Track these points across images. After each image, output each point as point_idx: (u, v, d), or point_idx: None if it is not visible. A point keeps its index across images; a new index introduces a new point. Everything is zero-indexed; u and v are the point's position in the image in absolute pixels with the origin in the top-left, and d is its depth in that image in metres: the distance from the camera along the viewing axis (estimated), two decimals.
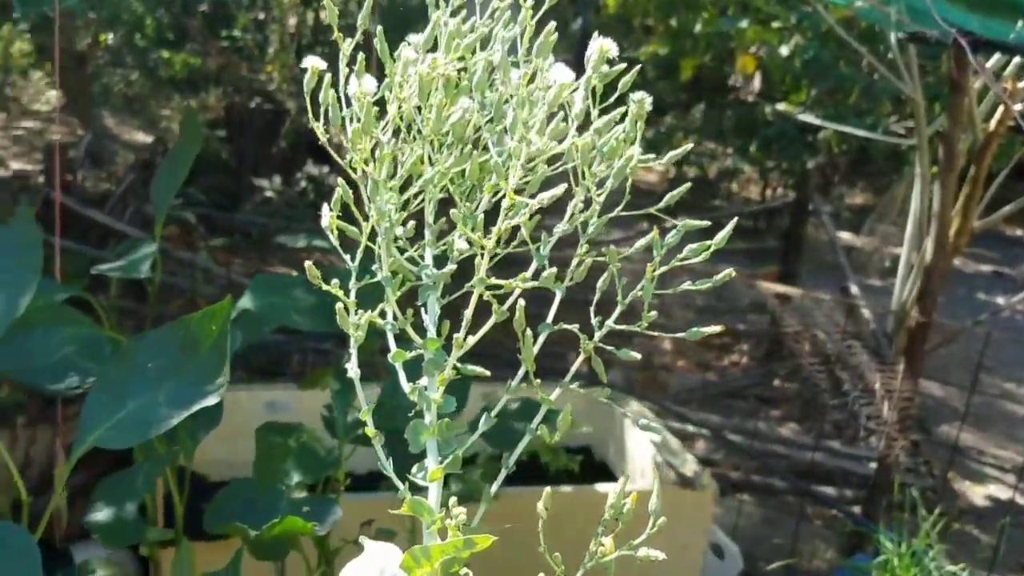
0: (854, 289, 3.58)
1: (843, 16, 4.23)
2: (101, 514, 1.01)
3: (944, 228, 2.39)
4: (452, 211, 0.49)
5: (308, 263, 0.50)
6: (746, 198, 7.22)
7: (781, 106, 6.18)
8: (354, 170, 0.54)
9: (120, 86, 6.72)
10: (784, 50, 5.75)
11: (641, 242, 0.55)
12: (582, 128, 0.54)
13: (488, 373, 0.53)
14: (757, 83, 7.42)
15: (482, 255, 0.49)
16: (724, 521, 2.64)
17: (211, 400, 0.87)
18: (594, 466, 2.52)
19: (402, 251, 0.56)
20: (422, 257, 0.55)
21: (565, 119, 0.51)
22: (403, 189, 0.55)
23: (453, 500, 0.46)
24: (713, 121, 7.08)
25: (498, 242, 0.55)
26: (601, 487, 2.19)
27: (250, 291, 1.19)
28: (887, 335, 3.26)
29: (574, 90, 0.50)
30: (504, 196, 0.48)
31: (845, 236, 5.83)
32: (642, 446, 2.37)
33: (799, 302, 3.31)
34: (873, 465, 2.75)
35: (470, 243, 0.51)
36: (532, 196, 0.49)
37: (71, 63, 5.58)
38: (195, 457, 1.93)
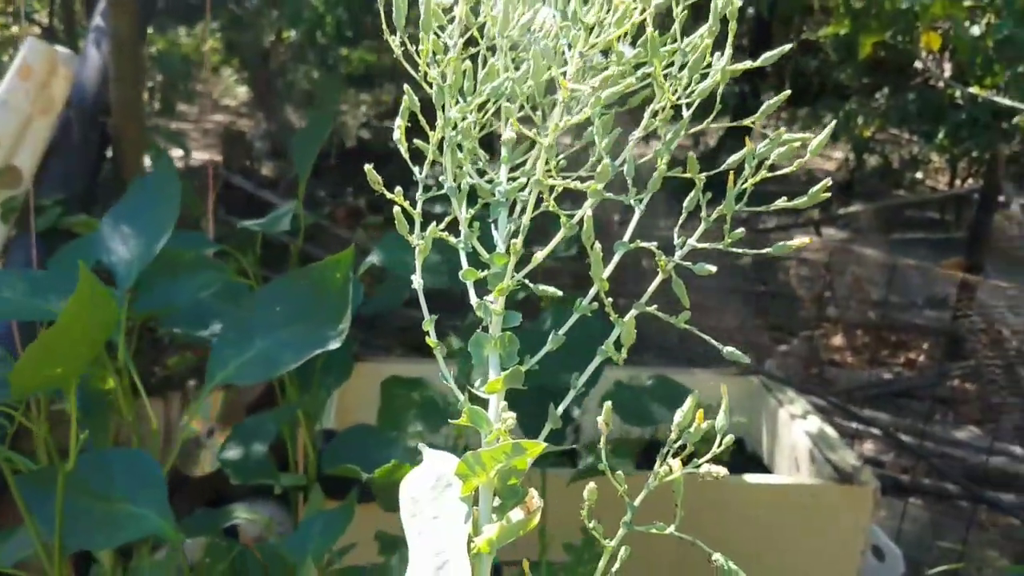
0: None
1: None
2: (232, 452, 1.06)
3: None
4: (504, 106, 0.47)
5: (368, 166, 0.49)
6: (932, 187, 6.77)
7: (972, 89, 5.74)
8: (430, 85, 0.53)
9: (302, 82, 7.09)
10: (975, 30, 5.33)
11: (734, 157, 0.51)
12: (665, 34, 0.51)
13: (560, 293, 0.51)
14: (947, 67, 6.93)
15: (540, 156, 0.46)
16: (889, 524, 2.48)
17: (333, 344, 0.88)
18: (745, 457, 2.43)
19: (482, 173, 0.54)
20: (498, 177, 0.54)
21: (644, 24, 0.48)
22: (483, 107, 0.54)
23: (503, 405, 0.45)
24: (897, 106, 6.67)
25: (584, 159, 0.52)
26: (749, 478, 2.10)
27: (379, 248, 1.21)
28: None
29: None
30: (559, 97, 0.46)
31: None
32: (798, 439, 2.26)
33: (981, 292, 3.06)
34: None
35: (539, 169, 0.49)
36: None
37: (256, 60, 5.93)
38: (343, 422, 1.99)
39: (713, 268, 0.45)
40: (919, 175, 6.93)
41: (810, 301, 4.19)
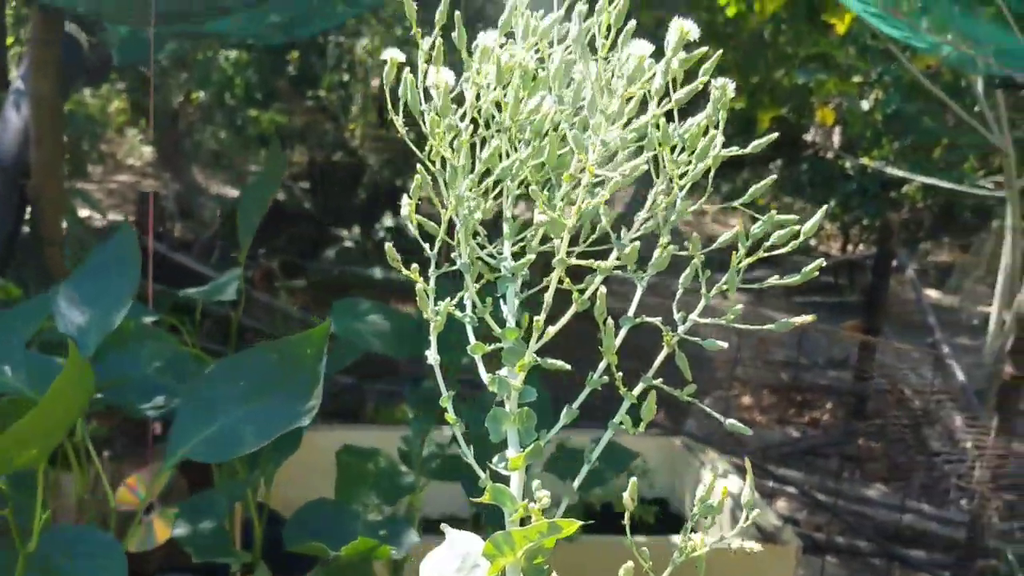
0: (944, 348, 3.45)
1: (926, 66, 4.16)
2: (185, 530, 1.02)
3: None
4: (531, 188, 0.49)
5: (388, 244, 0.50)
6: (826, 253, 7.09)
7: (863, 160, 6.09)
8: (432, 162, 0.54)
9: (210, 142, 7.00)
10: (864, 104, 5.68)
11: (726, 235, 0.54)
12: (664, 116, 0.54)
13: (568, 367, 0.52)
14: (836, 138, 7.34)
15: (561, 236, 0.48)
16: None
17: (303, 421, 0.87)
18: (670, 517, 2.46)
19: (481, 247, 0.55)
20: (500, 252, 0.55)
21: (645, 104, 0.50)
22: (482, 184, 0.55)
23: (537, 483, 0.45)
24: (791, 176, 7.01)
25: (578, 234, 0.54)
26: (676, 539, 2.13)
27: (332, 316, 1.21)
28: (978, 392, 3.13)
29: (650, 76, 0.50)
30: (583, 180, 0.48)
31: (932, 294, 5.65)
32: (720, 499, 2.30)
33: (884, 354, 3.21)
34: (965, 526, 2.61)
35: (547, 237, 0.50)
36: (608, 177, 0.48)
37: (164, 120, 5.84)
38: (272, 494, 1.94)
39: (724, 344, 0.48)
40: (813, 241, 7.26)
41: (721, 362, 4.30)
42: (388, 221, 4.79)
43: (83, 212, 4.06)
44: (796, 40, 4.61)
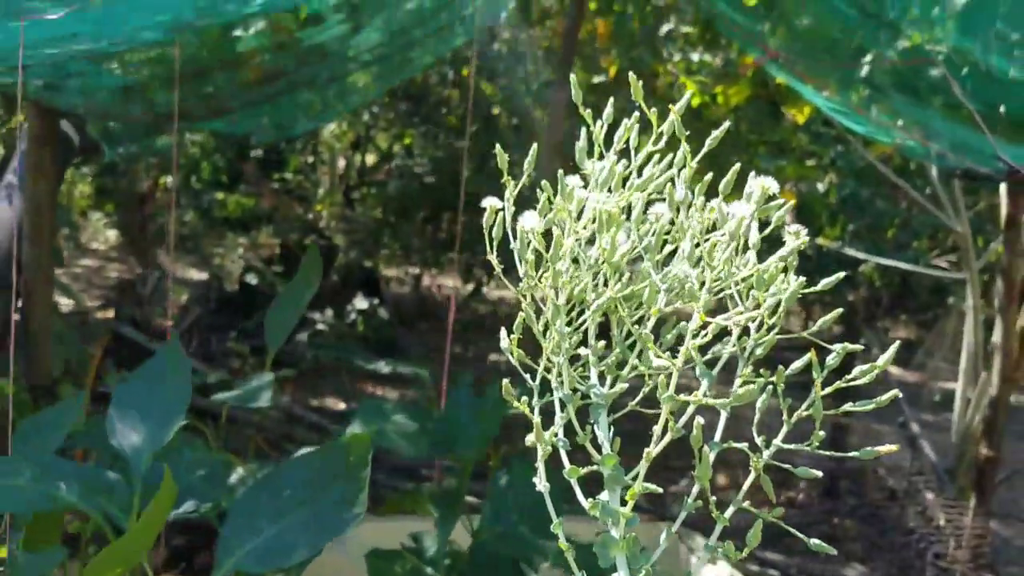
0: (914, 427, 3.53)
1: (879, 152, 4.34)
2: None
3: (1009, 360, 2.39)
4: (642, 333, 0.53)
5: (505, 381, 0.53)
6: (787, 331, 7.22)
7: (819, 240, 6.27)
8: (524, 297, 0.58)
9: (176, 226, 7.00)
10: (820, 187, 5.88)
11: (798, 363, 0.59)
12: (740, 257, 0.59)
13: (660, 490, 0.55)
14: (788, 217, 7.56)
15: (668, 374, 0.52)
16: None
17: (348, 529, 0.88)
18: None
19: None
20: (585, 377, 0.59)
21: (732, 248, 0.55)
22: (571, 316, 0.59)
23: None
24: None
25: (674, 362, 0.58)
26: None
27: (358, 418, 1.22)
28: (948, 470, 3.19)
29: (740, 222, 0.55)
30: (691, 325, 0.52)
31: (893, 371, 5.78)
32: None
33: (855, 433, 3.27)
34: None
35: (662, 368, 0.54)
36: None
37: (132, 204, 5.85)
38: None
39: (819, 473, 0.51)
40: (773, 319, 7.40)
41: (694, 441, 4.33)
42: (360, 303, 4.81)
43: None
44: (758, 129, 4.79)
